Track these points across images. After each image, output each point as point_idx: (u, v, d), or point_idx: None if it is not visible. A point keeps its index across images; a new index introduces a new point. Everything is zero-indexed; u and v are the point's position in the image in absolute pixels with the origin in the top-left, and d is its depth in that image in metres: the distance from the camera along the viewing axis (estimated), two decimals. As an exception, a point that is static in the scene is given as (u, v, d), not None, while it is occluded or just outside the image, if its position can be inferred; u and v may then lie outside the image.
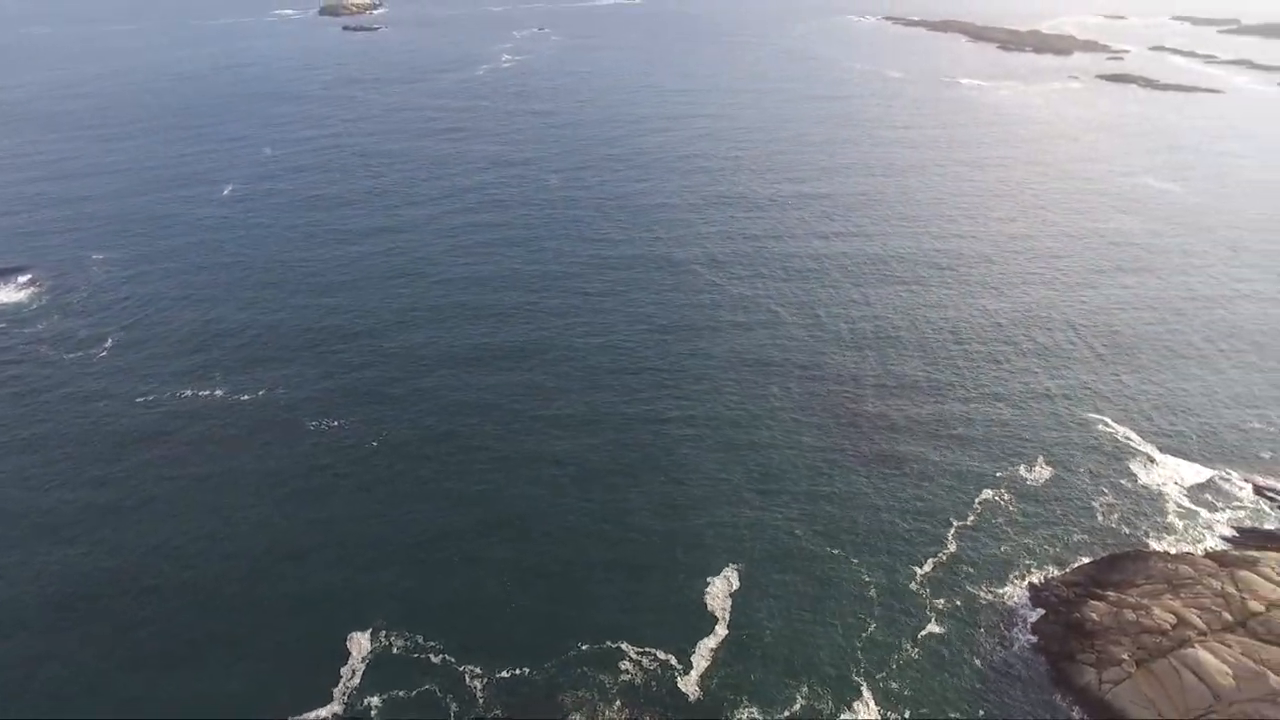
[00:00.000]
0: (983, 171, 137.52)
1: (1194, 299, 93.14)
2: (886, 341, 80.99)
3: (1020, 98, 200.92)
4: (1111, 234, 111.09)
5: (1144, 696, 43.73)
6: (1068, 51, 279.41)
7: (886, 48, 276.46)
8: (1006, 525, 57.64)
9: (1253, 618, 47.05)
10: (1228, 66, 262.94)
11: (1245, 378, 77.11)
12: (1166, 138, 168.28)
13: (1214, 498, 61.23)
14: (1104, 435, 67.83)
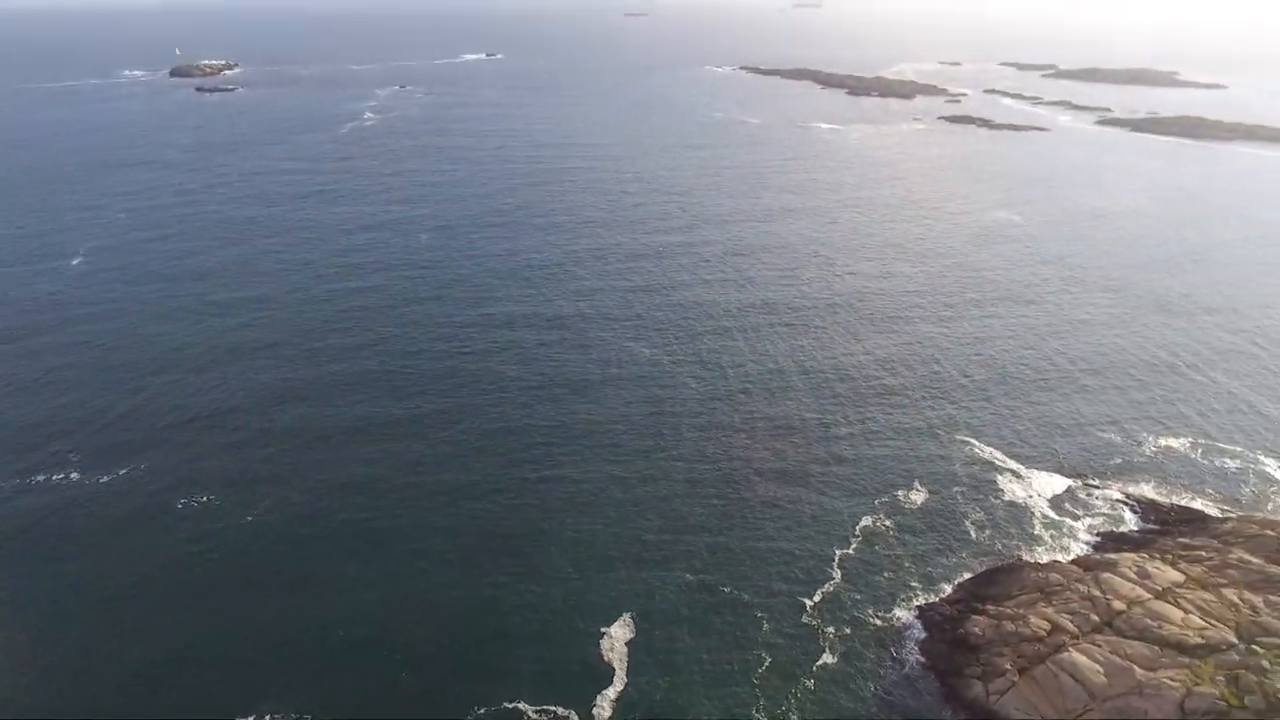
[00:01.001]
0: (849, 211, 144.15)
1: (1045, 326, 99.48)
2: (771, 382, 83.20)
3: (872, 139, 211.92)
4: (969, 267, 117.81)
5: (1028, 702, 45.80)
6: (910, 96, 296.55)
7: (745, 96, 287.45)
8: (889, 550, 59.70)
9: (1117, 616, 50.05)
10: (1052, 106, 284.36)
11: (1097, 397, 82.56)
12: (1007, 173, 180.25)
13: (1074, 507, 65.09)
14: (973, 456, 71.32)
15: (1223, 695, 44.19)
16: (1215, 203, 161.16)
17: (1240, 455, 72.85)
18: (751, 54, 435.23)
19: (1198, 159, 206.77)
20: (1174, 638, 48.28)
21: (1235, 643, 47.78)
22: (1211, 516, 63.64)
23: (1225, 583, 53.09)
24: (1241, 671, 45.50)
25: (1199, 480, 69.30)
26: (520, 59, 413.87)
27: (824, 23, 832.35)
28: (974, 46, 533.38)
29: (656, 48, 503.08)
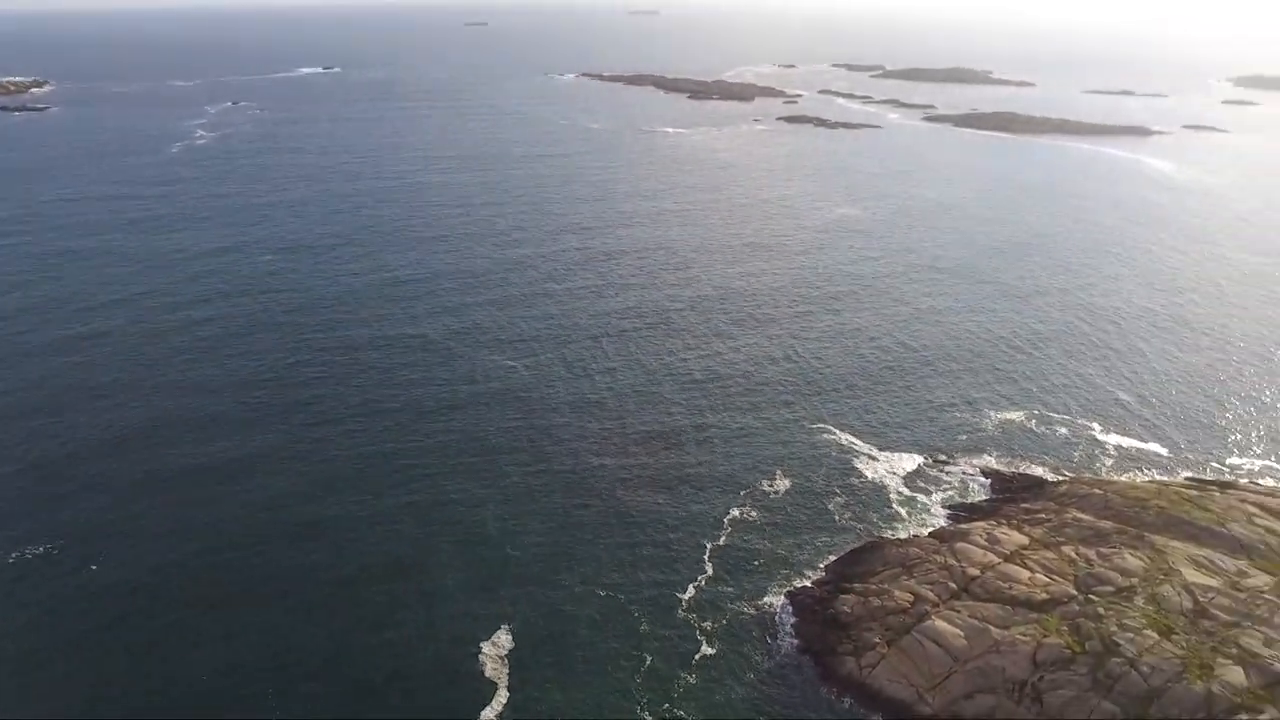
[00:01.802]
0: (701, 213, 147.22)
1: (894, 315, 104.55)
2: (638, 386, 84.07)
3: (717, 141, 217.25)
4: (820, 262, 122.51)
5: (897, 671, 48.03)
6: (750, 98, 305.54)
7: (589, 103, 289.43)
8: (757, 539, 61.40)
9: (972, 582, 53.16)
10: (882, 105, 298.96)
11: (942, 379, 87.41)
12: (847, 169, 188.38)
13: (927, 483, 68.72)
14: (832, 443, 74.23)
15: (1067, 644, 47.60)
16: (1038, 191, 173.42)
17: (1070, 423, 78.62)
18: (592, 61, 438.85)
19: (1017, 151, 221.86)
20: (1023, 596, 51.66)
21: (1075, 594, 51.56)
22: (1048, 481, 68.41)
23: (1063, 541, 57.21)
24: (1081, 620, 49.13)
25: (1036, 448, 74.39)
26: (360, 71, 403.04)
27: (661, 28, 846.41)
28: (807, 49, 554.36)
29: (498, 56, 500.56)
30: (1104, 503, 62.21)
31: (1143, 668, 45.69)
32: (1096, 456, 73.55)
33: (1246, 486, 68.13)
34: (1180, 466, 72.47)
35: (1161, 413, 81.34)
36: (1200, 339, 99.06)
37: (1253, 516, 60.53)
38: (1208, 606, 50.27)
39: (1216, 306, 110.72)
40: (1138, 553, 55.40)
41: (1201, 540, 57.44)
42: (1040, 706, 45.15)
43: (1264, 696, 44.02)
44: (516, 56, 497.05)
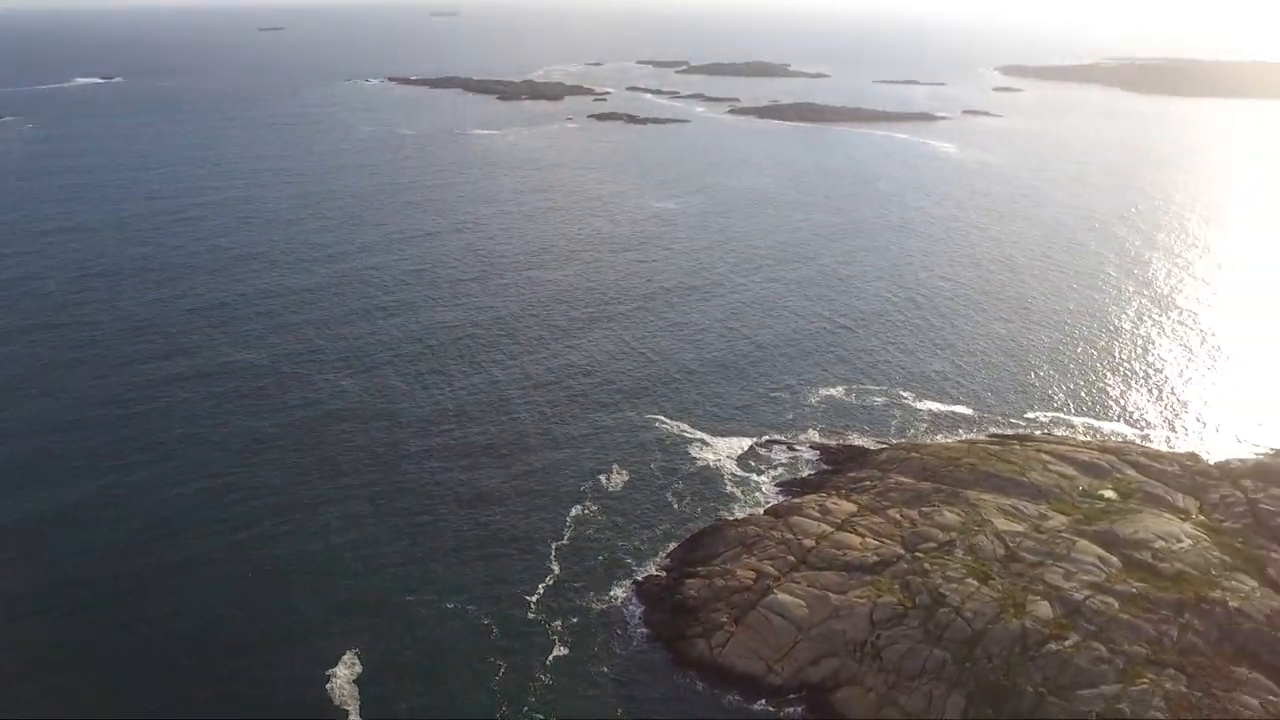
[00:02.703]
0: (520, 216, 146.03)
1: (716, 303, 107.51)
2: (472, 396, 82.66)
3: (529, 142, 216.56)
4: (643, 258, 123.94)
5: (746, 648, 49.60)
6: (560, 97, 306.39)
7: (398, 108, 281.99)
8: (600, 534, 61.82)
9: (808, 553, 55.58)
10: (689, 100, 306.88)
11: (766, 362, 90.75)
12: (661, 163, 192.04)
13: (758, 463, 71.24)
14: (664, 433, 75.68)
15: (899, 601, 50.60)
16: (841, 176, 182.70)
17: (885, 393, 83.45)
18: (397, 64, 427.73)
19: (818, 139, 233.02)
20: (857, 561, 54.47)
21: (903, 554, 54.85)
22: (870, 449, 72.34)
23: (888, 505, 60.70)
24: (910, 577, 52.34)
25: (857, 420, 78.54)
26: (145, 81, 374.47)
27: (464, 29, 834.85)
28: (613, 46, 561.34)
29: (299, 62, 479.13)
30: (921, 465, 66.43)
31: (966, 614, 49.17)
32: (912, 423, 78.42)
33: (1041, 438, 74.47)
34: (984, 425, 78.35)
35: (966, 378, 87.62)
36: (999, 307, 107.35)
37: (1047, 464, 66.25)
38: (1017, 550, 54.64)
39: (1011, 276, 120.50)
40: (954, 508, 59.52)
41: (1007, 491, 62.36)
42: (880, 662, 47.80)
43: (1067, 625, 48.34)
44: (317, 62, 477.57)
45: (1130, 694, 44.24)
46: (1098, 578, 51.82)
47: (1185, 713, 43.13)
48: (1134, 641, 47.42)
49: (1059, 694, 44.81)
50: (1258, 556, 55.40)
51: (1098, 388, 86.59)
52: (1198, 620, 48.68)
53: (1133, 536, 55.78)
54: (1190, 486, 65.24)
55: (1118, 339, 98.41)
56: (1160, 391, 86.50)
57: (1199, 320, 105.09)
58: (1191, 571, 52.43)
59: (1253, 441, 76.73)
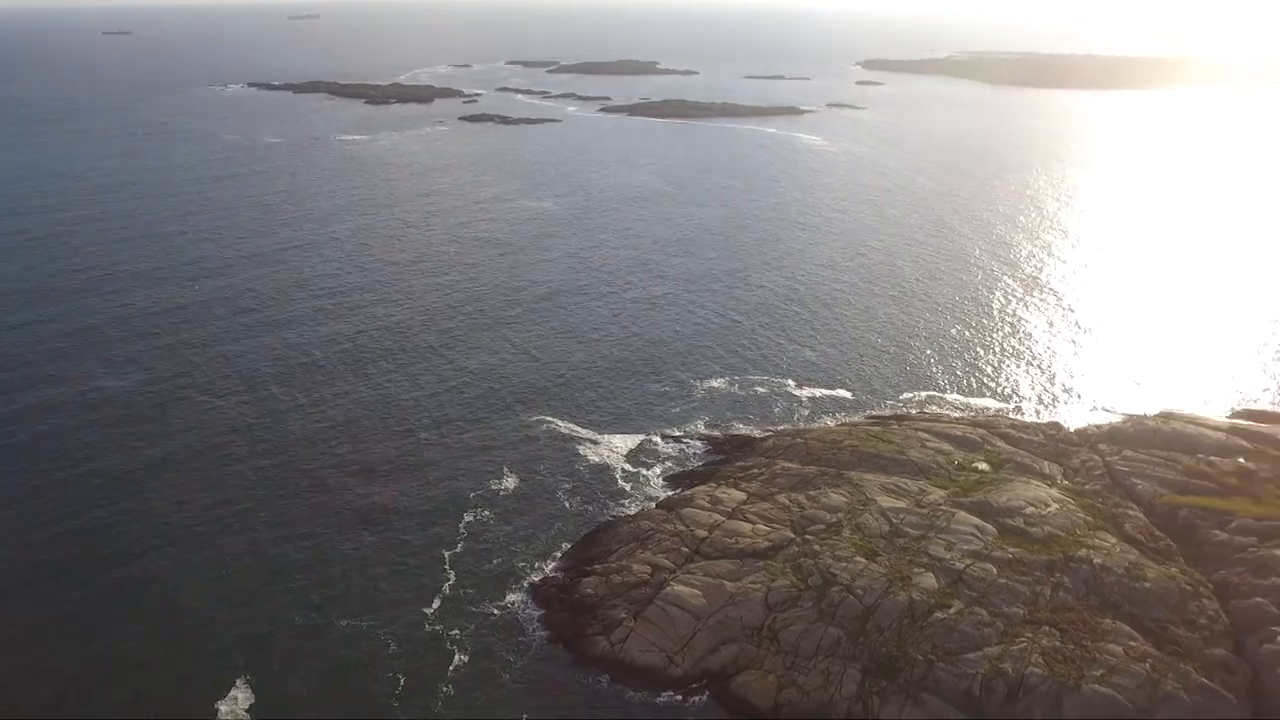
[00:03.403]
0: (402, 224, 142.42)
1: (601, 302, 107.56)
2: (359, 408, 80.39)
3: (401, 146, 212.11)
4: (525, 263, 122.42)
5: (647, 641, 49.89)
6: (429, 100, 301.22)
7: (262, 114, 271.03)
8: (493, 540, 61.12)
9: (702, 543, 56.31)
10: (559, 99, 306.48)
11: (652, 359, 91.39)
12: (536, 164, 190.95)
13: (648, 458, 71.74)
14: (553, 433, 75.39)
15: (792, 583, 51.84)
16: (716, 170, 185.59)
17: (768, 383, 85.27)
18: (257, 69, 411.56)
19: (690, 135, 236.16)
20: (749, 548, 55.51)
21: (793, 537, 56.20)
22: (756, 438, 73.81)
23: (776, 490, 62.08)
24: (802, 560, 53.69)
25: (742, 410, 80.00)
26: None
27: (326, 32, 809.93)
28: (480, 47, 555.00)
29: (151, 68, 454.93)
30: (806, 450, 68.18)
31: (857, 591, 50.76)
32: (795, 409, 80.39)
33: (917, 416, 77.53)
34: (864, 407, 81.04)
35: (845, 363, 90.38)
36: (875, 293, 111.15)
37: (924, 442, 69.00)
38: (900, 526, 56.73)
39: (886, 261, 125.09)
40: (839, 490, 61.34)
41: (888, 469, 64.66)
42: (778, 644, 48.86)
43: (950, 593, 50.50)
44: (170, 67, 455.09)
45: (1011, 653, 46.55)
46: (976, 546, 54.29)
47: (1060, 665, 45.65)
48: (1012, 603, 49.92)
49: (947, 659, 46.77)
50: (1116, 514, 59.15)
51: (968, 366, 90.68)
52: (1067, 578, 51.59)
53: (1006, 505, 58.69)
54: (1054, 454, 69.15)
55: (986, 318, 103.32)
56: (1025, 366, 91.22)
57: (1059, 297, 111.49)
58: (1059, 533, 55.52)
59: (1107, 408, 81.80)
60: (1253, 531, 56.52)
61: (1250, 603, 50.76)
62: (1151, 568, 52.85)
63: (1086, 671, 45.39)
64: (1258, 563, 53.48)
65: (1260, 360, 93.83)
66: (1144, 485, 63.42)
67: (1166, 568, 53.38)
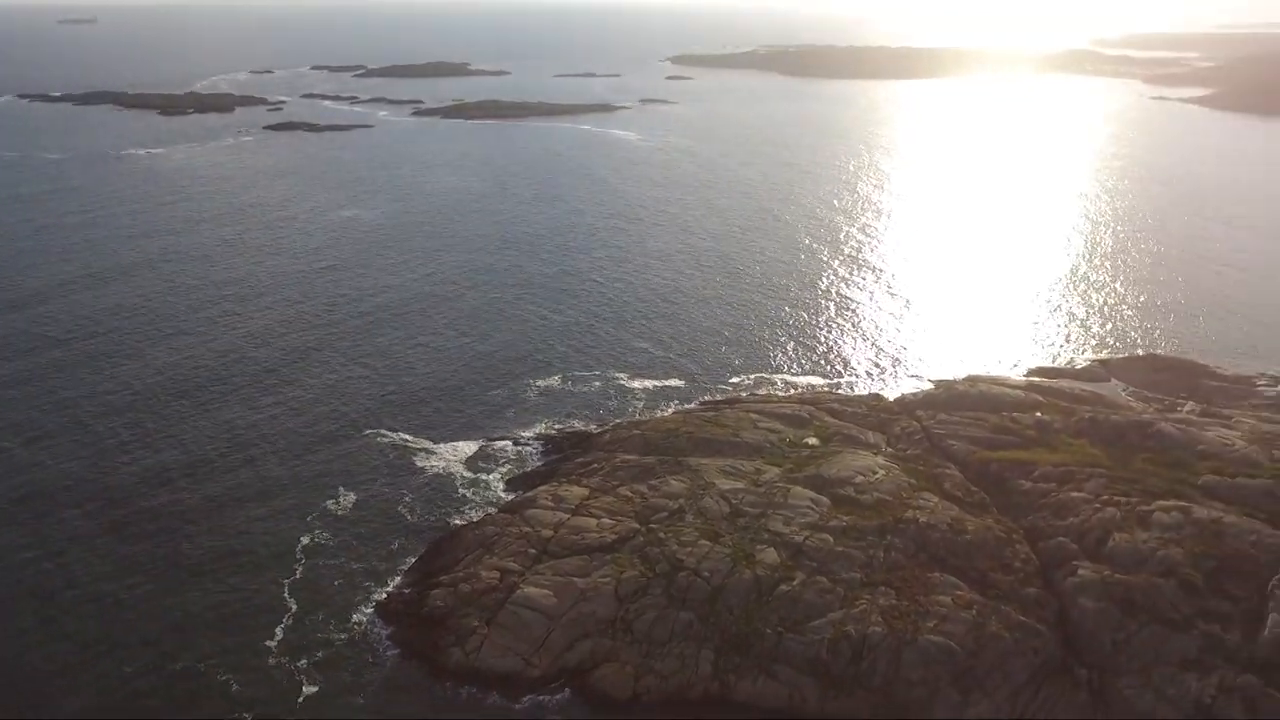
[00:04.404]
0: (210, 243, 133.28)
1: (417, 308, 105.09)
2: (184, 455, 75.09)
3: (202, 159, 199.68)
4: (344, 278, 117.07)
5: (502, 647, 49.31)
6: (229, 109, 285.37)
7: (38, 129, 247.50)
8: (333, 561, 58.81)
9: (549, 543, 56.13)
10: (370, 104, 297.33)
11: (482, 363, 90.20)
12: (349, 171, 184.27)
13: (487, 463, 70.88)
14: (389, 447, 73.20)
15: (641, 573, 52.54)
16: (536, 171, 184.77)
17: (602, 377, 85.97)
18: (30, 79, 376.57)
19: (507, 136, 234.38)
20: (595, 542, 55.81)
21: (638, 528, 56.93)
22: (594, 433, 74.22)
23: (618, 483, 62.68)
24: (648, 549, 54.48)
25: (578, 406, 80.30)
26: None
27: (105, 38, 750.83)
28: (281, 52, 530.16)
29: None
30: (643, 440, 69.17)
31: (704, 573, 52.00)
32: (630, 402, 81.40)
33: (748, 399, 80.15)
34: (696, 394, 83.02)
35: (675, 352, 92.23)
36: (701, 282, 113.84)
37: (756, 423, 71.43)
38: (740, 506, 58.50)
39: (713, 247, 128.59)
40: (679, 477, 62.60)
41: (724, 452, 66.51)
42: (632, 634, 49.42)
43: (792, 566, 52.56)
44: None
45: (853, 616, 48.96)
46: (813, 518, 56.69)
47: (898, 621, 48.40)
48: (850, 569, 52.46)
49: (795, 629, 48.68)
50: (936, 475, 63.20)
51: (794, 346, 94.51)
52: (897, 539, 54.68)
53: (836, 476, 61.56)
54: (877, 423, 73.11)
55: (809, 300, 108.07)
56: (847, 342, 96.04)
57: (877, 275, 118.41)
58: (887, 498, 58.76)
59: (921, 376, 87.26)
60: (1052, 478, 61.67)
61: (1054, 542, 55.46)
62: (970, 521, 56.77)
63: (921, 624, 48.33)
64: (1058, 506, 58.45)
65: (1049, 323, 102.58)
66: (958, 445, 68.01)
67: (983, 519, 57.48)
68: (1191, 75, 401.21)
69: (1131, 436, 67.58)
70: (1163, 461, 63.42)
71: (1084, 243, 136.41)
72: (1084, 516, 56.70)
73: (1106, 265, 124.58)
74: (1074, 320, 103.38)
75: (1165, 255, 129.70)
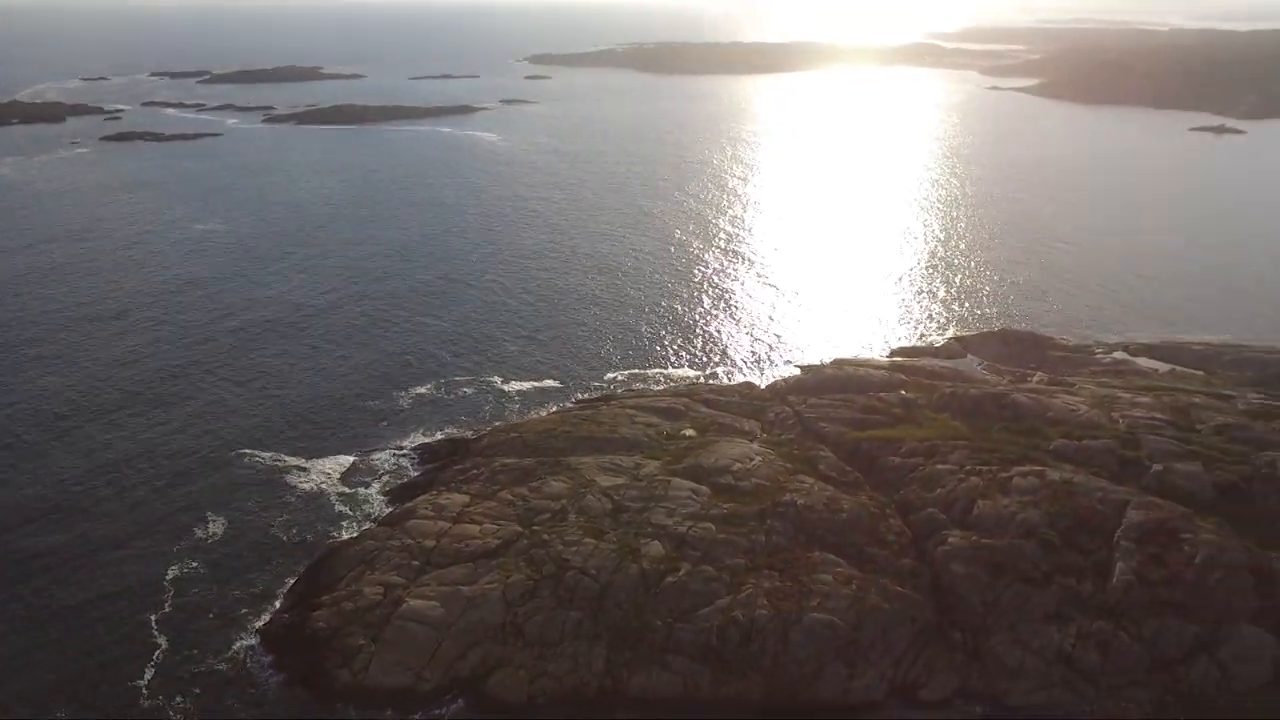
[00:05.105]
0: (66, 270, 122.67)
1: (289, 316, 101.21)
2: (42, 490, 70.00)
3: (33, 171, 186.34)
4: (206, 299, 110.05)
5: (391, 663, 48.15)
6: (61, 118, 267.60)
7: None
8: (205, 590, 56.07)
9: (432, 553, 55.08)
10: (217, 111, 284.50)
11: (357, 379, 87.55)
12: (198, 183, 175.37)
13: (364, 477, 68.97)
14: (258, 467, 70.30)
15: (528, 576, 52.24)
16: (400, 176, 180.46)
17: (475, 381, 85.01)
18: None
19: (366, 140, 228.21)
20: (480, 549, 55.15)
21: (521, 531, 56.57)
22: (471, 438, 73.24)
23: (498, 488, 62.10)
24: (533, 551, 54.22)
25: (453, 413, 79.11)
26: None
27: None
28: (116, 57, 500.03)
29: None
30: (522, 443, 68.76)
31: (591, 571, 52.13)
32: (506, 405, 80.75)
33: (623, 395, 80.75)
34: (572, 393, 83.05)
35: (549, 352, 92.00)
36: (576, 278, 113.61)
37: (633, 418, 72.05)
38: (622, 502, 58.88)
39: (587, 242, 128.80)
40: (559, 477, 62.51)
41: (603, 449, 66.81)
42: (523, 638, 49.10)
43: (677, 557, 53.31)
44: None
45: (739, 601, 50.03)
46: (694, 509, 57.59)
47: (783, 602, 49.74)
48: (734, 555, 53.56)
49: (684, 619, 49.41)
50: (810, 457, 65.19)
51: (666, 339, 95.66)
52: (778, 523, 56.14)
53: (715, 465, 62.71)
54: (751, 411, 74.88)
55: (680, 292, 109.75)
56: (718, 333, 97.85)
57: (749, 265, 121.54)
58: (765, 483, 60.23)
59: (792, 362, 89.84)
60: (918, 453, 64.53)
61: (925, 514, 58.12)
62: (846, 499, 58.82)
63: (805, 603, 49.84)
64: (926, 479, 61.24)
65: (908, 305, 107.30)
66: (829, 427, 70.33)
67: (858, 497, 59.66)
68: (1022, 67, 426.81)
69: (988, 408, 71.38)
70: (1017, 430, 67.28)
71: (938, 225, 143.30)
72: (950, 487, 59.58)
73: (960, 246, 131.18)
74: (932, 301, 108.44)
75: (1011, 234, 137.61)
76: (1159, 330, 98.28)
